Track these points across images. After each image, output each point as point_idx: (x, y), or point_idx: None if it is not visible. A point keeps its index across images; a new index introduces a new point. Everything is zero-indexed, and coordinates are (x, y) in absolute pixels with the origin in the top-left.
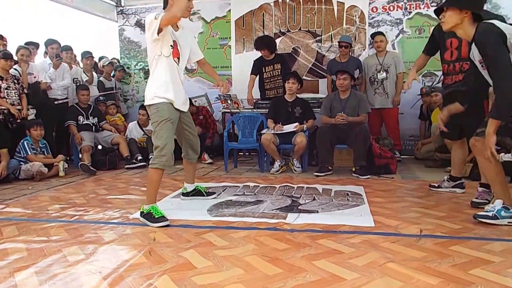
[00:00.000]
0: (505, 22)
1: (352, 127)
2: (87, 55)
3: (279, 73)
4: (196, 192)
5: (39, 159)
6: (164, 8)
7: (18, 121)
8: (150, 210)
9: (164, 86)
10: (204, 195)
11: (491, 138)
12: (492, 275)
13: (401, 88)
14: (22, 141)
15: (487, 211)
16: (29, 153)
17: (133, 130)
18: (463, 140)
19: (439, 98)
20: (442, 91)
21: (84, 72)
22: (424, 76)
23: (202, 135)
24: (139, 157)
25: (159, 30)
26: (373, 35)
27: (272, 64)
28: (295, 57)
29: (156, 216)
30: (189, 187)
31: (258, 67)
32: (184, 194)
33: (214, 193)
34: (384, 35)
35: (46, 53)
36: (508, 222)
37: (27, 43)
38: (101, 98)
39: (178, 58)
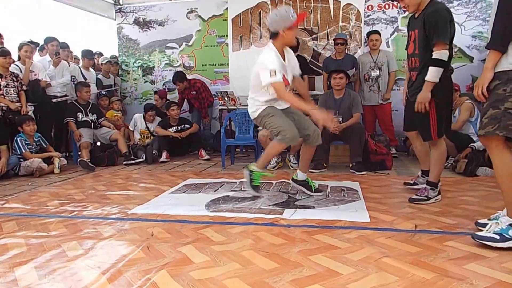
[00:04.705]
0: None
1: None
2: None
3: None
4: (304, 184)
5: (35, 156)
6: (271, 38)
7: (16, 117)
8: (254, 174)
9: (262, 106)
10: (311, 190)
11: (488, 73)
12: (487, 269)
13: (392, 86)
14: (15, 138)
15: (489, 219)
16: (23, 151)
17: (138, 121)
18: (417, 132)
19: None
20: None
21: (82, 70)
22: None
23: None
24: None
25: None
26: (369, 33)
27: None
28: None
29: (255, 184)
30: (300, 176)
31: None
32: (293, 180)
33: (321, 191)
34: (379, 34)
35: (40, 50)
36: None
37: (28, 42)
38: (103, 92)
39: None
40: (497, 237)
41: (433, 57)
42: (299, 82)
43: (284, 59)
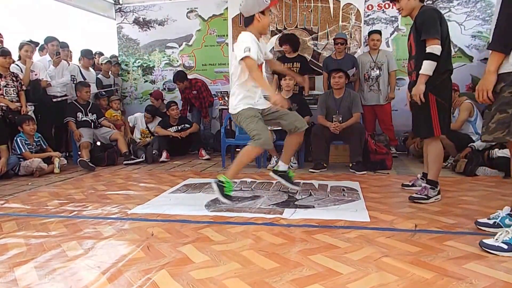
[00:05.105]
0: None
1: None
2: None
3: (297, 71)
4: (284, 175)
5: (35, 156)
6: (245, 26)
7: (16, 117)
8: (226, 184)
9: (246, 98)
10: (290, 182)
11: (492, 76)
12: (486, 269)
13: (395, 85)
14: (15, 138)
15: (489, 218)
16: (23, 151)
17: (139, 119)
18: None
19: None
20: None
21: (81, 69)
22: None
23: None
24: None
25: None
26: (370, 33)
27: (292, 62)
28: None
29: (227, 193)
30: (282, 167)
31: None
32: (273, 171)
33: (299, 184)
34: (381, 34)
35: (40, 50)
36: None
37: (28, 42)
38: (103, 93)
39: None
40: (505, 246)
41: (426, 51)
42: (273, 63)
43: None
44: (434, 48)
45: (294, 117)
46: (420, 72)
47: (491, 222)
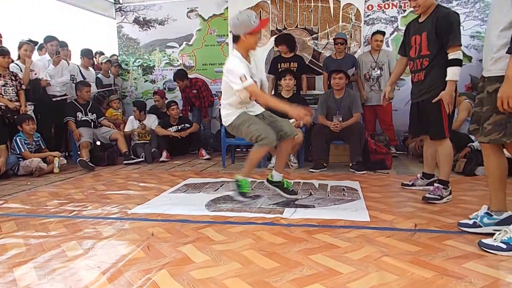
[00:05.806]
0: None
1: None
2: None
3: (295, 71)
4: (279, 185)
5: (34, 156)
6: (233, 42)
7: (15, 116)
8: (241, 182)
9: (235, 111)
10: (286, 192)
11: None
12: (485, 268)
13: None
14: (14, 137)
15: (469, 219)
16: (23, 150)
17: (134, 122)
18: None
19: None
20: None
21: (81, 69)
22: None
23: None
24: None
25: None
26: (373, 33)
27: (289, 62)
28: None
29: (243, 190)
30: (276, 177)
31: (274, 65)
32: (267, 181)
33: (296, 193)
34: (384, 35)
35: (39, 49)
36: (494, 230)
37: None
38: (101, 94)
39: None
40: (504, 246)
41: (451, 57)
42: (262, 89)
43: (249, 62)
44: (460, 54)
45: (282, 122)
46: (449, 78)
47: (470, 222)
